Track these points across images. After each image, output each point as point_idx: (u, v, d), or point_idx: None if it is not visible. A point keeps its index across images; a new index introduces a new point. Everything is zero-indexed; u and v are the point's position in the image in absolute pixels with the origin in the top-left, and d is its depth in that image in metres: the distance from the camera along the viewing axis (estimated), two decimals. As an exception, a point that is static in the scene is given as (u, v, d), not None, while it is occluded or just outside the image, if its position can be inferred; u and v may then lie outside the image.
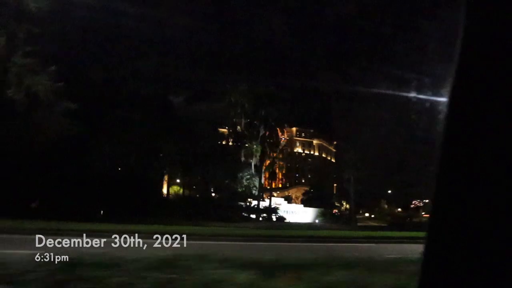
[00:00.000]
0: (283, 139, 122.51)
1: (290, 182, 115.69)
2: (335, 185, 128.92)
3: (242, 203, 34.19)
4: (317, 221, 42.09)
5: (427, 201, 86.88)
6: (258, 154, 36.87)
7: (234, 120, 34.95)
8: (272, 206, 35.60)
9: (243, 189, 36.76)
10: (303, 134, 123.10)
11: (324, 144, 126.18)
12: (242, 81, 36.63)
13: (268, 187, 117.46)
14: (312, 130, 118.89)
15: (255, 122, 35.12)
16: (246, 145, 35.82)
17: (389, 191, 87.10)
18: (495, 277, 1.07)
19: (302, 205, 43.96)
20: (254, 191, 36.22)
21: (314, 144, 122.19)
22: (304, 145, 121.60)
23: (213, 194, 37.25)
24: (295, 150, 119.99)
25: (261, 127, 35.11)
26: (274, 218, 34.72)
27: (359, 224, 60.06)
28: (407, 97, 27.78)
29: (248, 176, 36.58)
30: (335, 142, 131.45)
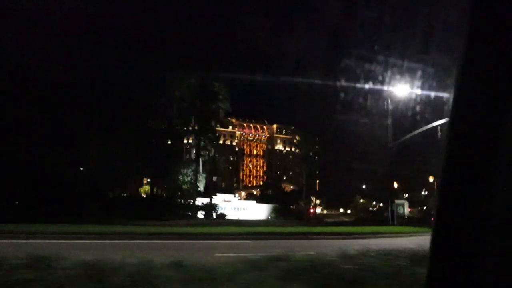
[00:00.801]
0: (251, 134, 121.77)
1: (272, 179, 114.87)
2: (317, 181, 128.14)
3: (182, 200, 32.88)
4: (269, 217, 40.90)
5: (406, 196, 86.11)
6: (201, 150, 35.62)
7: (174, 114, 33.52)
8: (212, 203, 34.30)
9: (186, 186, 35.58)
10: (283, 131, 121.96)
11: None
12: (184, 74, 35.27)
13: (249, 185, 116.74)
14: (293, 127, 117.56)
15: (195, 116, 33.68)
16: (187, 141, 34.52)
17: (364, 186, 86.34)
18: (498, 264, 1.11)
19: (254, 202, 42.67)
20: (191, 188, 34.86)
21: (295, 141, 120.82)
22: (285, 142, 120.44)
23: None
24: (276, 148, 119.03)
25: (197, 121, 33.67)
26: (214, 215, 33.49)
27: (328, 220, 58.98)
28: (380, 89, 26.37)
29: (192, 173, 35.33)
30: (317, 139, 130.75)
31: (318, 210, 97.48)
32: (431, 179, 78.00)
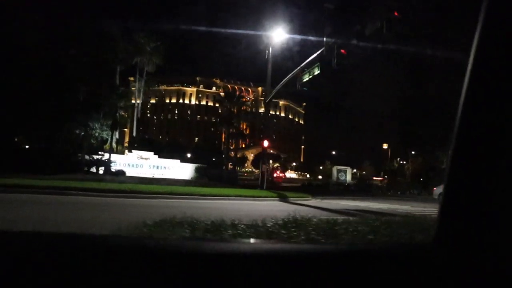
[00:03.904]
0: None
1: (255, 142, 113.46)
2: (303, 147, 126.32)
3: (71, 156, 31.13)
4: (190, 177, 39.36)
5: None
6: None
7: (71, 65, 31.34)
8: (105, 159, 32.60)
9: (94, 140, 34.02)
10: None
11: (291, 105, 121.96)
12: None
13: (231, 147, 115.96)
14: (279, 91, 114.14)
15: (89, 65, 31.30)
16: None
17: (333, 152, 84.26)
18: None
19: (178, 161, 40.88)
20: (97, 142, 33.31)
21: (280, 104, 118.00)
22: (270, 105, 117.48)
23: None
24: (260, 111, 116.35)
25: (91, 71, 31.34)
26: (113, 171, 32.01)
27: (284, 184, 57.43)
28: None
29: (100, 127, 33.57)
30: (304, 104, 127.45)
31: (293, 174, 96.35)
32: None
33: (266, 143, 24.06)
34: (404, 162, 75.22)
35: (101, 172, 32.30)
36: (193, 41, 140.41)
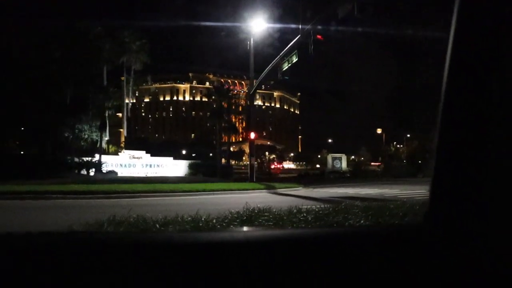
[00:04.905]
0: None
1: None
2: (300, 137, 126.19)
3: (59, 158, 30.84)
4: (184, 174, 39.21)
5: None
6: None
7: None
8: (96, 160, 32.37)
9: (85, 143, 33.81)
10: (263, 86, 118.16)
11: (286, 96, 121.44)
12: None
13: (226, 141, 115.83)
14: (272, 82, 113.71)
15: (70, 64, 30.90)
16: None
17: (330, 140, 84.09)
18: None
19: (171, 158, 40.71)
20: (87, 144, 33.13)
21: (275, 96, 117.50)
22: (264, 97, 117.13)
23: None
24: (255, 103, 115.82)
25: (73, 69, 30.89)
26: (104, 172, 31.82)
27: (282, 175, 57.33)
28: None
29: (89, 128, 33.29)
30: (299, 94, 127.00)
31: (291, 165, 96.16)
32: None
33: (252, 135, 23.87)
34: (401, 146, 75.18)
35: (92, 173, 32.13)
36: (184, 38, 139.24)
